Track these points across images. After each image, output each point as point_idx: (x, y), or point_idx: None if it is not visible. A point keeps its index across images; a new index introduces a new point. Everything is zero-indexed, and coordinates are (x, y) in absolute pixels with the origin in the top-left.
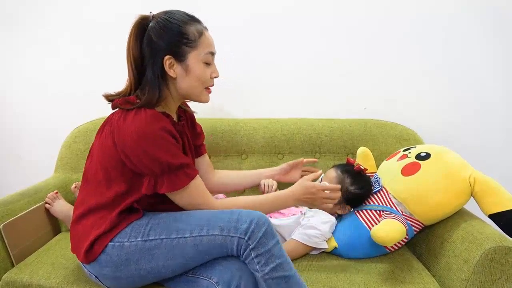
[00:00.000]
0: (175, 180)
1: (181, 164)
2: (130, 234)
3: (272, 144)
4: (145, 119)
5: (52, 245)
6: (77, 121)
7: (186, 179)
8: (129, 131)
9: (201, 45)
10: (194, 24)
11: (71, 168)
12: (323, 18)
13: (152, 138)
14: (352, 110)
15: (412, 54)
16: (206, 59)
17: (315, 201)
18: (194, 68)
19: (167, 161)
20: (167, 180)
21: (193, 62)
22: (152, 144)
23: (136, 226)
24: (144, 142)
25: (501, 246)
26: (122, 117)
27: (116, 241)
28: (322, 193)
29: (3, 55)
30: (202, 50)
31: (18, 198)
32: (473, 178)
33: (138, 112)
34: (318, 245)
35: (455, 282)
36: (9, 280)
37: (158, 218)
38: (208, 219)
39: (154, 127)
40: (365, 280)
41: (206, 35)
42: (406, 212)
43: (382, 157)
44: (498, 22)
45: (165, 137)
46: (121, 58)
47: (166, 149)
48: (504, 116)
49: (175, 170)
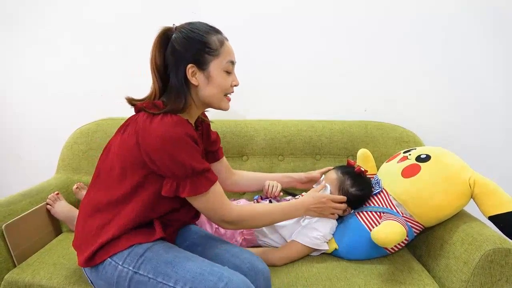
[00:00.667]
0: (197, 185)
1: (204, 169)
2: (125, 259)
3: (272, 145)
4: (171, 123)
5: (53, 246)
6: (77, 121)
7: (207, 184)
8: (155, 133)
9: (223, 54)
10: (216, 34)
11: (72, 169)
12: (323, 18)
13: (177, 142)
14: (352, 110)
15: (412, 54)
16: (227, 67)
17: (324, 211)
18: (216, 76)
19: (191, 165)
20: (189, 184)
21: (215, 71)
22: (178, 148)
23: (134, 252)
24: (170, 145)
25: (500, 248)
26: (149, 120)
27: (114, 259)
28: (331, 203)
29: (4, 55)
30: (224, 59)
31: (19, 198)
32: (473, 180)
33: (165, 116)
34: (318, 247)
35: (455, 283)
36: (11, 280)
37: (154, 251)
38: (194, 275)
39: (180, 132)
40: (365, 282)
41: (227, 44)
42: (406, 214)
43: (382, 159)
44: (498, 22)
45: (189, 143)
46: (121, 58)
47: (190, 154)
48: (504, 116)
49: (198, 175)
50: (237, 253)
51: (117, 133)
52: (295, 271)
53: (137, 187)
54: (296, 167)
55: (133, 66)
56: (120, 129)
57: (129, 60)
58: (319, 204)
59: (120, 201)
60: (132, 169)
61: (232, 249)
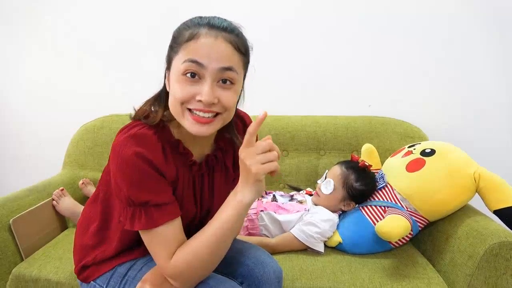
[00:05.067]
0: (134, 217)
1: (147, 201)
2: (108, 281)
3: (277, 141)
4: (126, 137)
5: (59, 240)
6: (81, 119)
7: (146, 222)
8: (112, 147)
9: (184, 50)
10: (197, 27)
11: (78, 165)
12: (328, 16)
13: (122, 161)
14: (356, 107)
15: (417, 51)
16: (184, 68)
17: (252, 167)
18: (172, 80)
19: (128, 193)
20: (125, 212)
21: (173, 73)
22: (120, 166)
23: (116, 274)
24: (115, 164)
25: (505, 242)
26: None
27: (98, 282)
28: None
29: (9, 54)
30: (182, 57)
31: (26, 194)
32: (478, 174)
33: (132, 128)
34: (313, 246)
35: (459, 277)
36: (18, 273)
37: (136, 269)
38: None
39: (128, 149)
40: (369, 276)
41: (202, 41)
42: (410, 208)
43: (386, 154)
44: (503, 20)
45: (136, 163)
46: (123, 57)
47: (130, 178)
48: (510, 115)
49: (139, 206)
50: (241, 250)
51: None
52: (299, 265)
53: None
54: (300, 162)
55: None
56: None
57: (132, 57)
58: (244, 167)
59: (104, 226)
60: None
61: (238, 246)
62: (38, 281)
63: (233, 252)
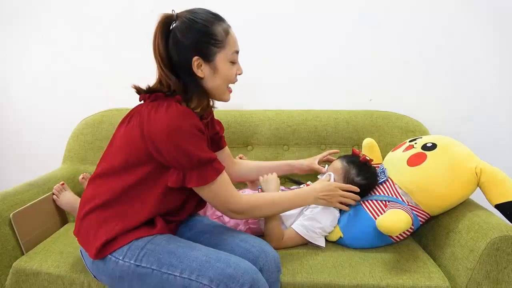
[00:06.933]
0: (205, 175)
1: (210, 158)
2: (125, 253)
3: (277, 135)
4: (177, 114)
5: (60, 234)
6: (81, 113)
7: (215, 174)
8: (161, 124)
9: (228, 45)
10: (219, 23)
11: (78, 159)
12: (328, 10)
13: (183, 133)
14: (357, 101)
15: (417, 45)
16: (232, 58)
17: (333, 198)
18: (222, 68)
19: (197, 155)
20: (196, 175)
21: (221, 63)
22: (184, 138)
23: (133, 246)
24: (176, 136)
25: (507, 236)
26: (153, 110)
27: (114, 255)
28: (339, 191)
29: (9, 49)
30: (229, 50)
31: (27, 188)
32: (479, 168)
33: (170, 106)
34: (314, 241)
35: (460, 271)
36: (19, 267)
37: (155, 243)
38: (201, 263)
39: (186, 122)
40: (370, 270)
41: (232, 34)
42: (411, 203)
43: (388, 149)
44: (502, 15)
45: (195, 133)
46: (123, 53)
47: (196, 144)
48: (511, 108)
49: (205, 165)
50: (245, 238)
51: (120, 124)
52: (300, 259)
53: (143, 183)
54: (301, 156)
55: (135, 57)
56: (124, 120)
57: (132, 51)
58: (328, 192)
59: (124, 199)
60: (137, 164)
61: (240, 235)
62: (38, 275)
63: (238, 240)
